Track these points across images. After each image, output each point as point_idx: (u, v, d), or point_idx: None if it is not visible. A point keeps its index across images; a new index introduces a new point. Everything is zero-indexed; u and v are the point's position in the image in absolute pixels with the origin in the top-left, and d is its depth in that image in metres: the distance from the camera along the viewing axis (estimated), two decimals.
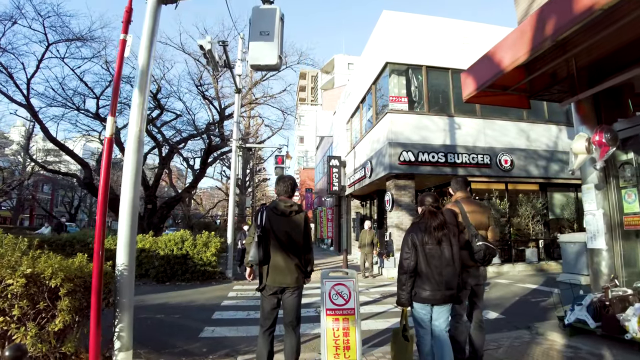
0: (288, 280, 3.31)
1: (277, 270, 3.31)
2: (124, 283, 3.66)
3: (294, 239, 3.39)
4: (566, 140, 13.94)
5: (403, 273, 3.11)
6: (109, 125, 3.22)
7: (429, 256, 3.06)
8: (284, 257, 3.32)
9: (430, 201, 3.25)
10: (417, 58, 12.85)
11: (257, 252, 3.26)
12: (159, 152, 17.94)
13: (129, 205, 3.71)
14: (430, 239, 3.09)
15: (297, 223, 3.45)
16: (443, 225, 3.13)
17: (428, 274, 3.03)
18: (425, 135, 12.23)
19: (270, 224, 3.38)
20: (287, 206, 3.45)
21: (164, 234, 11.34)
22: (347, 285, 3.38)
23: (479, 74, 5.07)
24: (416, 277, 3.09)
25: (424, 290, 3.04)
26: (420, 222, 3.23)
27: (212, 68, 9.81)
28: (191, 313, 6.61)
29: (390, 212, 12.24)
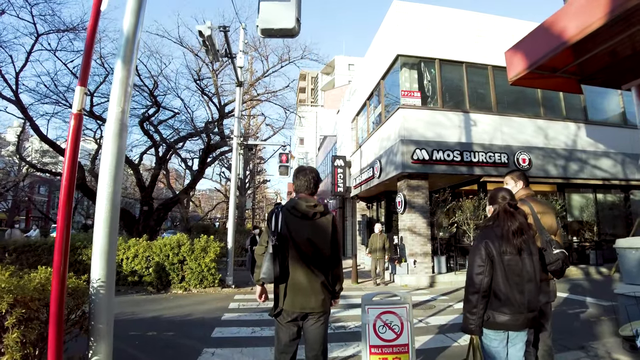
0: (312, 304, 2.55)
1: (298, 291, 2.56)
2: (100, 303, 2.84)
3: (319, 249, 2.63)
4: (585, 139, 13.23)
5: (474, 292, 2.39)
6: (77, 96, 2.42)
7: (509, 270, 2.35)
8: (306, 274, 2.57)
9: (507, 197, 2.51)
10: (429, 51, 12.10)
11: (273, 267, 2.51)
12: (155, 152, 17.12)
13: (107, 203, 2.90)
14: (509, 248, 2.37)
15: (322, 228, 2.69)
16: (523, 229, 2.41)
17: (507, 292, 2.33)
18: (439, 132, 11.45)
19: (289, 229, 2.63)
20: (309, 206, 2.68)
21: (160, 237, 10.51)
22: (398, 313, 2.56)
23: (531, 49, 4.28)
24: (490, 296, 2.38)
25: (502, 313, 2.34)
26: (494, 225, 2.49)
27: (212, 57, 9.02)
28: (188, 329, 5.78)
29: (402, 214, 11.43)
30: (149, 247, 9.53)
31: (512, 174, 3.51)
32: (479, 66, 12.56)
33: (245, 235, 17.19)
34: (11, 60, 12.98)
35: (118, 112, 3.01)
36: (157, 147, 16.85)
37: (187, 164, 23.85)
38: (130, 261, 9.46)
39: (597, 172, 13.01)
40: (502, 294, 2.35)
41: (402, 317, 2.58)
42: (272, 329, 5.61)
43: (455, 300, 8.15)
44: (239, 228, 18.07)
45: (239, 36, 11.66)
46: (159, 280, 9.36)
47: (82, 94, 2.42)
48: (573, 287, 9.52)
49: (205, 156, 16.32)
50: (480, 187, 12.09)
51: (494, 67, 12.64)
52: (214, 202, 41.60)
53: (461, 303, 7.73)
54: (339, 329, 5.68)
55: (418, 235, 11.12)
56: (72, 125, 2.37)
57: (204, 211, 35.27)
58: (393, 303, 2.65)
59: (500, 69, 12.75)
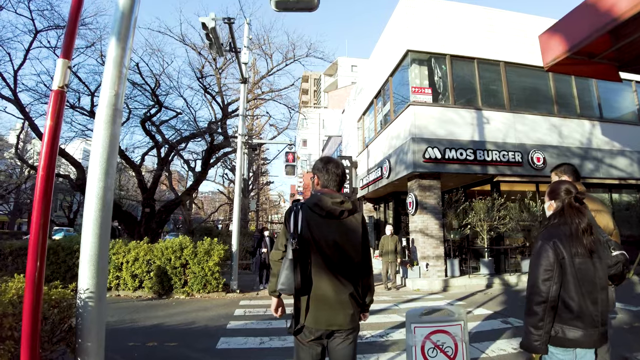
0: (340, 320, 2.10)
1: (323, 304, 2.10)
2: (88, 318, 2.43)
3: (347, 254, 2.18)
4: (600, 137, 12.78)
5: (541, 302, 1.95)
6: (59, 70, 2.01)
7: (580, 275, 1.95)
8: (333, 284, 2.12)
9: (572, 191, 2.11)
10: (440, 46, 11.69)
11: (293, 276, 2.07)
12: (157, 153, 16.73)
13: (97, 201, 2.50)
14: (580, 249, 1.96)
15: (351, 229, 2.23)
16: (592, 227, 2.01)
17: (580, 302, 1.93)
18: (451, 130, 11.02)
19: (311, 230, 2.16)
20: (336, 203, 2.20)
21: (162, 240, 10.10)
22: (451, 332, 2.12)
23: (571, 31, 3.86)
24: (559, 307, 1.97)
25: (574, 327, 1.93)
26: (559, 223, 2.07)
27: (216, 51, 8.62)
28: (191, 339, 5.36)
29: (413, 215, 10.98)
30: (150, 250, 9.12)
31: (556, 170, 3.12)
32: (490, 62, 12.15)
33: (248, 237, 16.78)
34: (9, 58, 12.62)
35: (111, 96, 2.61)
36: (159, 147, 16.46)
37: (190, 165, 23.48)
38: (130, 265, 9.05)
39: (613, 171, 12.55)
40: (574, 303, 1.95)
41: (456, 337, 2.13)
42: (282, 339, 5.19)
43: (473, 305, 7.70)
44: (242, 230, 17.65)
45: (243, 32, 11.27)
46: (160, 285, 8.94)
47: (64, 67, 2.02)
48: None
49: (208, 157, 15.90)
50: (494, 187, 11.64)
51: (506, 63, 12.24)
52: (216, 204, 41.18)
53: (481, 309, 7.31)
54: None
55: (430, 237, 10.68)
56: (52, 103, 1.96)
57: (206, 213, 34.92)
58: (445, 320, 2.20)
59: (512, 65, 12.35)
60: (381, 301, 8.33)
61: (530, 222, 11.42)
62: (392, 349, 4.85)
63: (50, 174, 1.95)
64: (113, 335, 5.42)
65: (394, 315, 6.82)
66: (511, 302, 7.94)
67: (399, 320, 6.40)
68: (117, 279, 9.16)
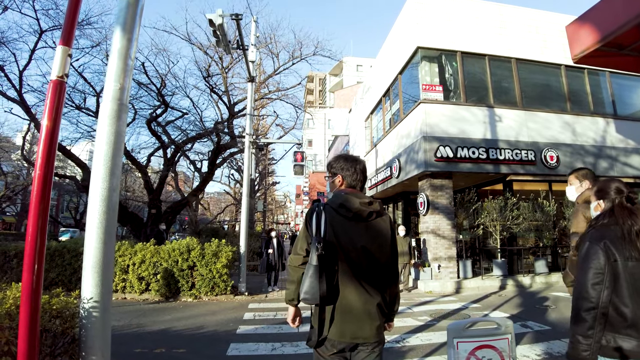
0: (366, 332, 1.90)
1: (349, 316, 1.90)
2: (92, 328, 2.24)
3: (376, 260, 1.98)
4: (614, 134, 12.49)
5: (590, 309, 1.76)
6: (58, 58, 1.82)
7: (634, 281, 1.73)
8: (360, 293, 1.93)
9: (624, 191, 1.93)
10: (450, 43, 11.46)
11: (318, 284, 1.86)
12: (163, 154, 16.60)
13: (102, 203, 2.31)
14: (634, 252, 1.76)
15: (381, 233, 2.04)
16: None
17: (635, 310, 1.71)
18: (463, 128, 10.78)
19: (336, 234, 1.96)
20: (363, 203, 2.01)
21: (168, 241, 9.94)
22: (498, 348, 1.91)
23: (600, 21, 3.63)
24: (611, 314, 1.76)
25: (628, 337, 1.71)
26: (610, 223, 1.88)
27: (224, 48, 8.44)
28: (200, 345, 5.17)
29: (425, 215, 10.74)
30: (157, 252, 8.96)
31: (576, 173, 3.08)
32: (502, 59, 11.90)
33: (254, 238, 16.59)
34: (15, 58, 12.55)
35: (116, 89, 2.43)
36: (165, 148, 16.34)
37: (196, 166, 23.37)
38: (137, 267, 8.90)
39: (628, 170, 12.24)
40: (628, 310, 1.74)
41: (503, 352, 1.90)
42: (294, 345, 4.99)
43: (489, 308, 7.45)
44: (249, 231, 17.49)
45: (250, 30, 11.09)
46: (167, 288, 8.78)
47: (64, 55, 1.83)
48: None
49: (214, 157, 15.75)
50: (506, 187, 11.38)
51: (517, 59, 11.99)
52: (222, 205, 41.08)
53: (497, 312, 7.06)
54: None
55: (442, 237, 10.43)
56: (50, 94, 1.77)
57: (212, 214, 34.83)
58: (490, 334, 1.98)
59: (524, 61, 12.09)
60: None
61: (544, 222, 11.15)
62: (410, 355, 4.64)
63: (49, 172, 1.76)
64: (119, 340, 5.25)
65: (408, 319, 6.59)
66: (528, 305, 7.69)
67: (414, 324, 6.18)
68: (124, 281, 9.02)
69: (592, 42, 3.72)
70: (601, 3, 3.69)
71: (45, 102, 1.79)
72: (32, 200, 1.69)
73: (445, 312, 7.11)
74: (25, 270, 1.66)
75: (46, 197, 1.78)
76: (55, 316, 2.36)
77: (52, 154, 1.80)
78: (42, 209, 1.73)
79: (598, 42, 3.67)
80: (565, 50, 12.60)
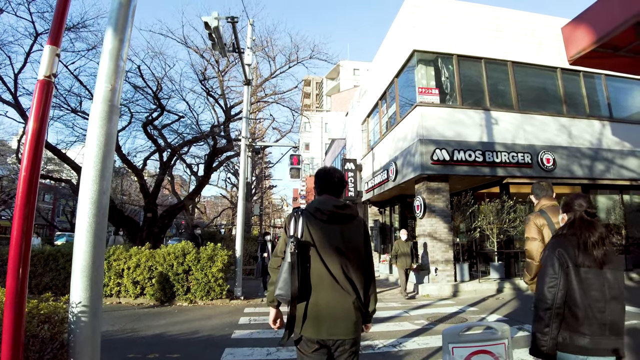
0: (342, 330, 2.01)
1: (323, 313, 2.02)
2: (81, 334, 2.19)
3: (350, 260, 2.12)
4: (610, 137, 12.52)
5: (547, 309, 2.05)
6: (46, 58, 1.79)
7: (586, 285, 2.04)
8: (334, 291, 2.05)
9: (584, 205, 2.20)
10: (446, 46, 11.48)
11: (291, 282, 1.99)
12: (159, 157, 16.53)
13: (92, 206, 2.27)
14: (587, 260, 2.06)
15: (353, 234, 2.19)
16: (604, 240, 2.10)
17: (586, 310, 2.03)
18: (459, 131, 10.78)
19: (312, 235, 2.11)
20: (337, 207, 2.18)
21: (163, 245, 9.85)
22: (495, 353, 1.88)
23: (596, 23, 3.62)
24: (566, 314, 2.06)
25: (581, 335, 2.01)
26: (568, 234, 2.18)
27: (220, 51, 8.43)
28: (195, 350, 5.11)
29: (422, 219, 10.71)
30: (152, 256, 8.89)
31: (537, 183, 3.47)
32: (498, 62, 11.92)
33: (251, 242, 16.53)
34: (10, 61, 12.48)
35: (107, 90, 2.39)
36: (161, 152, 16.28)
37: (192, 169, 23.30)
38: (131, 271, 8.82)
39: (624, 172, 12.28)
40: (579, 310, 2.03)
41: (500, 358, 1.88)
42: (290, 349, 4.93)
43: (486, 311, 7.42)
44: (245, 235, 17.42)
45: (247, 34, 11.10)
46: (162, 292, 8.71)
47: (52, 55, 1.80)
48: None
49: (211, 160, 15.69)
50: (503, 189, 11.38)
51: (513, 62, 12.02)
52: (219, 208, 40.96)
53: (495, 315, 7.04)
54: (365, 348, 4.99)
55: (439, 241, 10.41)
56: (37, 94, 1.73)
57: (209, 218, 34.72)
58: (487, 339, 1.95)
59: (520, 64, 12.13)
60: (390, 308, 8.07)
61: None
62: (407, 359, 4.59)
63: (34, 174, 1.72)
64: (113, 345, 5.18)
65: (405, 322, 6.55)
66: (525, 308, 7.66)
67: (411, 328, 6.14)
68: (118, 285, 8.94)
69: (588, 44, 3.71)
70: (597, 4, 3.68)
71: (32, 103, 1.75)
72: (17, 202, 1.65)
73: (442, 316, 7.07)
74: (10, 274, 1.62)
75: (31, 199, 1.73)
76: (44, 321, 2.31)
77: (38, 156, 1.76)
78: (27, 211, 1.69)
79: (594, 43, 3.66)
80: (560, 53, 12.62)
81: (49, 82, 1.77)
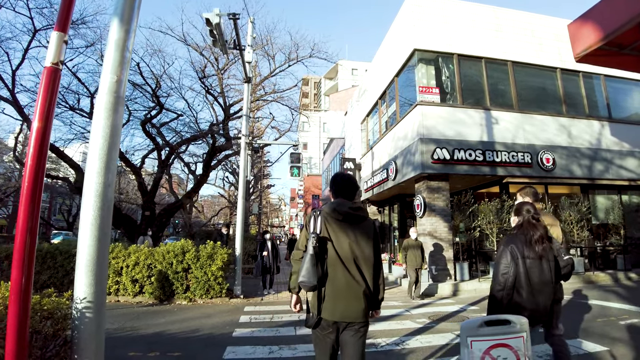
0: (353, 313, 2.36)
1: (338, 298, 2.37)
2: (86, 330, 2.14)
3: (362, 255, 2.46)
4: (609, 137, 12.54)
5: (500, 290, 2.84)
6: (53, 44, 1.74)
7: (530, 272, 2.80)
8: (348, 280, 2.39)
9: (531, 211, 2.97)
10: (447, 46, 11.46)
11: (313, 270, 2.33)
12: (158, 155, 16.44)
13: (97, 199, 2.22)
14: (531, 253, 2.82)
15: (365, 232, 2.53)
16: (544, 238, 2.86)
17: (528, 291, 2.79)
18: (460, 131, 10.76)
19: (329, 232, 2.46)
20: (352, 208, 2.51)
21: (162, 244, 9.78)
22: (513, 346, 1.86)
23: (602, 20, 3.59)
24: (513, 294, 2.82)
25: (522, 308, 2.77)
26: (517, 233, 2.95)
27: (221, 48, 8.37)
28: (195, 349, 5.06)
29: (422, 218, 10.69)
30: (151, 255, 8.82)
31: (521, 192, 3.83)
32: (498, 62, 11.92)
33: (249, 241, 16.45)
34: (7, 57, 12.37)
35: (112, 82, 2.34)
36: (159, 150, 16.19)
37: (190, 168, 23.21)
38: (130, 269, 8.75)
39: (623, 172, 12.30)
40: (523, 292, 2.76)
41: (519, 351, 1.86)
42: (292, 347, 4.90)
43: None
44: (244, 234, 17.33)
45: (247, 31, 11.02)
46: (161, 291, 8.64)
47: (59, 41, 1.75)
48: (626, 296, 8.70)
49: (209, 159, 15.62)
50: (503, 189, 11.37)
51: (514, 62, 12.03)
52: (217, 208, 40.81)
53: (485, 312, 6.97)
54: (368, 347, 4.95)
55: (439, 240, 10.38)
56: (44, 82, 1.68)
57: (206, 217, 34.59)
58: (505, 332, 1.93)
59: (520, 64, 12.13)
60: (390, 307, 8.03)
61: None
62: (411, 357, 4.56)
63: (40, 166, 1.67)
64: (113, 344, 5.12)
65: (407, 321, 6.52)
66: None
67: (413, 326, 6.10)
68: (117, 284, 8.86)
69: (593, 41, 3.69)
70: (602, 2, 3.66)
71: (39, 91, 1.70)
72: (23, 193, 1.60)
73: (443, 315, 7.04)
74: (15, 267, 1.57)
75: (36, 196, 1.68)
76: (47, 317, 2.26)
77: (44, 149, 1.71)
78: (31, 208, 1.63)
79: (600, 41, 3.63)
80: (560, 53, 12.69)
81: (57, 70, 1.72)
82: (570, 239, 11.59)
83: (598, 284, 10.63)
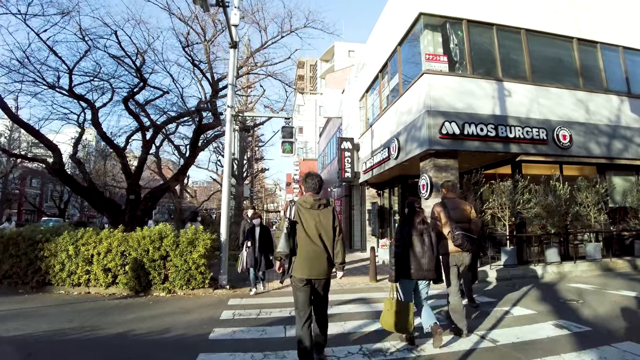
0: (318, 272, 3.51)
1: (307, 262, 3.49)
2: None
3: (324, 231, 3.58)
4: (629, 114, 11.55)
5: (394, 257, 4.21)
6: None
7: (415, 243, 4.20)
8: (314, 250, 3.52)
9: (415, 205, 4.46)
10: (456, 10, 10.32)
11: (286, 244, 3.46)
12: (142, 135, 15.29)
13: None
14: (414, 231, 4.25)
15: (326, 216, 3.65)
16: (424, 220, 4.33)
17: (413, 257, 4.18)
18: (470, 103, 9.71)
19: (300, 217, 3.59)
20: (316, 200, 3.68)
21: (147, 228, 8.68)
22: None
23: None
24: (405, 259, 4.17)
25: (409, 269, 4.17)
26: (407, 218, 4.39)
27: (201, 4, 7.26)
28: (160, 356, 4.09)
29: (427, 199, 9.69)
30: (125, 240, 7.82)
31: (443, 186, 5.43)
32: (511, 29, 10.80)
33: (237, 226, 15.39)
34: None
35: None
36: (144, 130, 15.06)
37: (181, 151, 22.14)
38: (102, 257, 7.75)
39: None
40: (411, 257, 4.18)
41: None
42: (278, 355, 3.94)
43: (508, 303, 6.40)
44: (237, 219, 16.33)
45: None
46: (136, 281, 7.65)
47: None
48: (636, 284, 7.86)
49: (196, 137, 14.52)
50: (516, 168, 10.39)
51: (527, 30, 10.92)
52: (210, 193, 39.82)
53: (518, 307, 6.05)
54: (375, 353, 4.00)
55: None
56: None
57: (199, 202, 33.65)
58: None
59: (534, 32, 11.02)
60: None
61: (555, 207, 10.16)
62: None
63: None
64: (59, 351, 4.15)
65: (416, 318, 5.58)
66: (550, 299, 6.66)
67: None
68: (87, 273, 7.88)
69: None
70: None
71: None
72: None
73: None
74: None
75: None
76: None
77: None
78: None
79: None
80: (577, 22, 11.58)
81: None
82: (587, 224, 10.72)
83: (617, 271, 9.78)
